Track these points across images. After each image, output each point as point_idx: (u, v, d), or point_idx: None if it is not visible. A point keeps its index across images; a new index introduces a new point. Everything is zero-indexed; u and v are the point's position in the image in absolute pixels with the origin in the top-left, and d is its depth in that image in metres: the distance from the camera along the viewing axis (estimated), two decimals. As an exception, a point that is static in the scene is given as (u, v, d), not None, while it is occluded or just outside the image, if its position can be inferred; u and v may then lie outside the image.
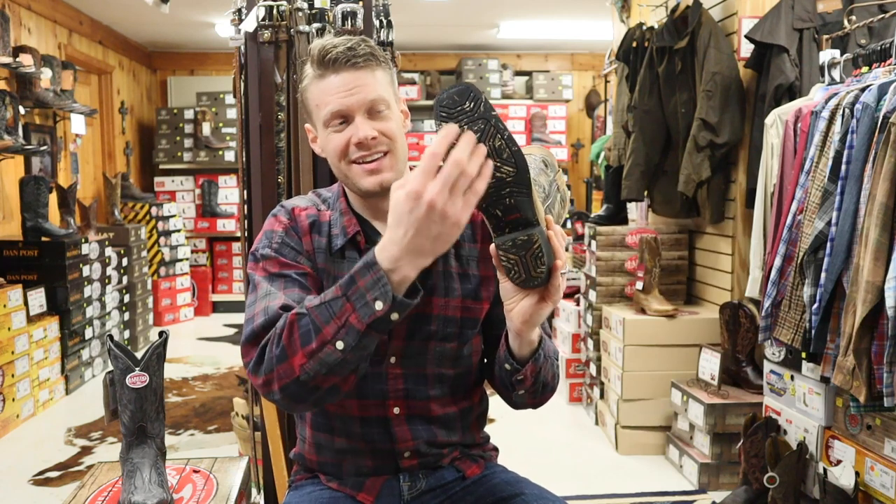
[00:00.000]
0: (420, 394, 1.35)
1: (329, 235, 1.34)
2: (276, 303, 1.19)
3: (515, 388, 1.30)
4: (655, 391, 3.36)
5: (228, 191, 6.78)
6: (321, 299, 1.08)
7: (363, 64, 1.27)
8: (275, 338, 1.12)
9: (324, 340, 1.06)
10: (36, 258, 4.24)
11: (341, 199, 1.37)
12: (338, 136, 1.28)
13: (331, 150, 1.30)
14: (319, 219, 1.35)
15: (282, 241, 1.30)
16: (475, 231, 1.39)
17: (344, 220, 1.34)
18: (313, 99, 1.30)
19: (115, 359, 1.57)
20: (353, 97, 1.26)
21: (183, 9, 5.48)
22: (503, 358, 1.27)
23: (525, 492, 1.35)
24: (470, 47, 7.26)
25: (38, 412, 4.04)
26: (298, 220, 1.34)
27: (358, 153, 1.27)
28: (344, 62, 1.26)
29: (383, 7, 2.35)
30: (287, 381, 1.10)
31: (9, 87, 4.48)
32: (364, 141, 1.26)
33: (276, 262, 1.27)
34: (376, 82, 1.28)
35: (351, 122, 1.27)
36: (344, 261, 1.32)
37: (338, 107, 1.27)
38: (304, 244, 1.32)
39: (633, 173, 3.55)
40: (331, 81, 1.27)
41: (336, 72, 1.27)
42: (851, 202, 2.09)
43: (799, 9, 2.92)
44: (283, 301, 1.19)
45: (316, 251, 1.33)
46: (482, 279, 1.38)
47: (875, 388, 2.00)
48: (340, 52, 1.26)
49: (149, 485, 1.53)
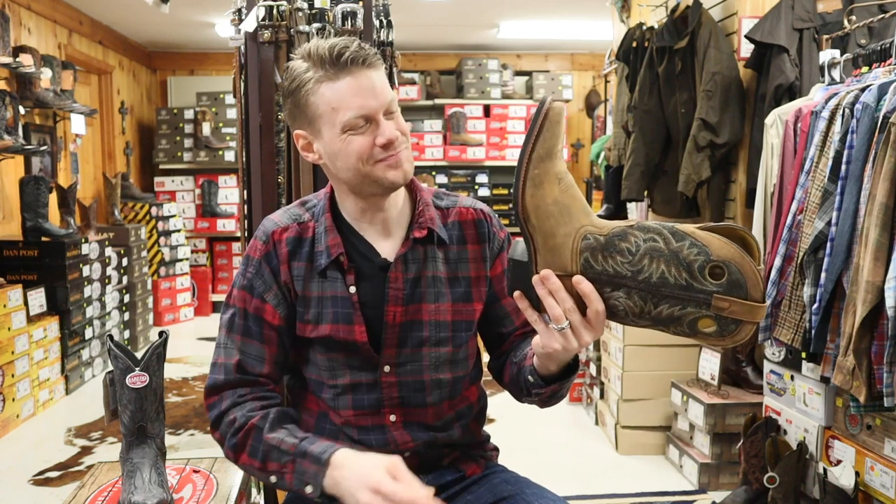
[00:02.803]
0: (416, 400, 1.35)
1: (312, 255, 1.33)
2: (232, 361, 1.31)
3: (530, 394, 1.30)
4: (655, 391, 3.36)
5: (228, 191, 6.78)
6: (279, 440, 1.23)
7: (374, 62, 1.26)
8: (234, 429, 1.27)
9: (264, 468, 1.24)
10: (36, 258, 4.24)
11: (327, 215, 1.34)
12: (360, 139, 1.25)
13: (352, 152, 1.26)
14: (302, 235, 1.34)
15: (256, 271, 1.34)
16: (464, 232, 1.38)
17: (328, 238, 1.32)
18: (326, 102, 1.25)
19: (115, 359, 1.57)
20: (376, 99, 1.25)
21: (183, 9, 5.48)
22: (527, 369, 1.26)
23: (525, 491, 1.35)
24: (470, 47, 7.26)
25: (38, 412, 4.04)
26: (278, 247, 1.33)
27: (384, 154, 1.26)
28: (361, 62, 1.24)
29: (383, 7, 2.35)
30: (230, 456, 1.30)
31: (9, 87, 4.47)
32: (393, 141, 1.25)
33: (245, 297, 1.34)
34: (384, 81, 1.28)
35: (372, 123, 1.26)
36: (326, 280, 1.32)
37: (364, 110, 1.24)
38: (282, 273, 1.33)
39: (633, 173, 3.55)
40: (347, 83, 1.24)
41: (351, 73, 1.24)
42: (851, 202, 2.09)
43: (799, 9, 2.92)
44: (237, 359, 1.31)
45: (294, 279, 1.33)
46: (472, 280, 1.37)
47: (875, 388, 2.00)
48: (357, 52, 1.24)
49: (149, 485, 1.53)
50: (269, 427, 1.25)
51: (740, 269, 0.98)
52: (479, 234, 1.39)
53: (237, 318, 1.33)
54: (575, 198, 1.06)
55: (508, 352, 1.41)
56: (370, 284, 1.33)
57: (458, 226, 1.38)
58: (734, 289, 0.98)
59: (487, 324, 1.42)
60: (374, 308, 1.32)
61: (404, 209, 1.36)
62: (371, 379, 1.33)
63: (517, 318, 1.41)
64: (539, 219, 1.05)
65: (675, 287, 1.00)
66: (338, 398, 1.34)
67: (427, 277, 1.34)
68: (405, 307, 1.32)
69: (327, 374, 1.34)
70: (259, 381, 1.32)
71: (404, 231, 1.35)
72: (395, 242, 1.35)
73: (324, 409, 1.37)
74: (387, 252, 1.34)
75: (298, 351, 1.37)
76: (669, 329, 1.03)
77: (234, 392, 1.31)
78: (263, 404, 1.30)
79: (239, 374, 1.31)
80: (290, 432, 1.25)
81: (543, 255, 1.06)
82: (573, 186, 1.07)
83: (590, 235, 1.04)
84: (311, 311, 1.33)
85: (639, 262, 1.01)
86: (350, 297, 1.31)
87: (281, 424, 1.26)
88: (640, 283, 1.01)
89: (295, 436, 1.24)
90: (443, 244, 1.36)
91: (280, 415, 1.28)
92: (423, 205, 1.36)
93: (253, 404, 1.29)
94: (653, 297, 1.01)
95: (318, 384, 1.36)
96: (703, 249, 0.99)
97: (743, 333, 1.00)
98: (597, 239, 1.03)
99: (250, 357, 1.32)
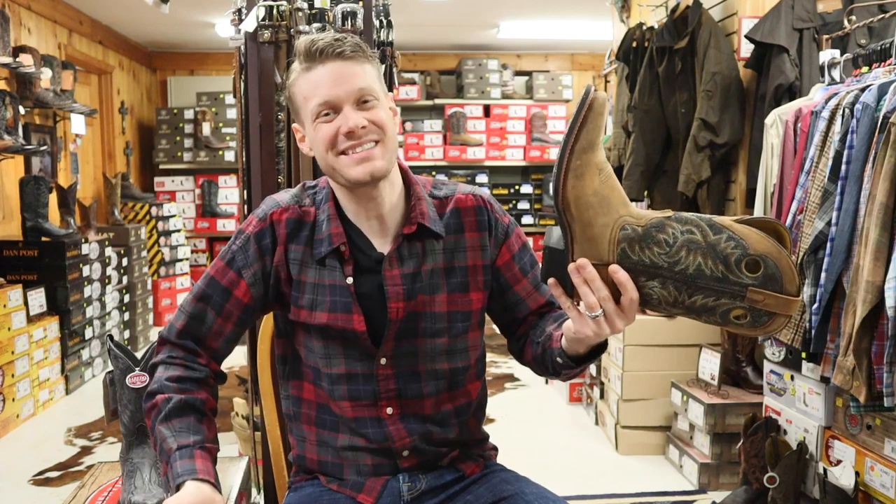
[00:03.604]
0: (412, 392, 1.34)
1: (311, 240, 1.33)
2: (180, 323, 1.33)
3: (558, 373, 1.31)
4: (655, 391, 3.36)
5: (228, 191, 6.78)
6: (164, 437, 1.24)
7: (350, 54, 1.27)
8: (148, 392, 1.30)
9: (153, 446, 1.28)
10: (36, 258, 4.24)
11: (330, 203, 1.34)
12: (326, 127, 1.26)
13: (318, 140, 1.27)
14: (303, 219, 1.34)
15: (241, 246, 1.34)
16: (462, 219, 1.37)
17: (331, 226, 1.32)
18: (301, 93, 1.28)
19: (115, 359, 1.57)
20: (341, 87, 1.25)
21: (183, 9, 5.48)
22: (555, 351, 1.26)
23: (525, 491, 1.35)
24: (470, 47, 7.26)
25: (38, 412, 4.04)
26: (276, 227, 1.33)
27: (347, 143, 1.25)
28: (331, 52, 1.25)
29: (383, 7, 2.35)
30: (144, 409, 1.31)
31: (9, 87, 4.47)
32: (354, 130, 1.24)
33: (222, 268, 1.34)
34: (364, 73, 1.28)
35: (339, 113, 1.26)
36: (324, 269, 1.32)
37: (326, 97, 1.25)
38: (276, 254, 1.33)
39: (633, 173, 3.56)
40: (318, 72, 1.26)
41: (323, 62, 1.26)
42: (851, 202, 2.09)
43: (799, 9, 2.92)
44: (186, 321, 1.33)
45: (290, 263, 1.33)
46: (469, 269, 1.36)
47: (875, 388, 2.00)
48: (326, 43, 1.25)
49: (149, 485, 1.53)
50: (164, 416, 1.25)
51: (777, 264, 0.99)
52: (479, 221, 1.38)
53: (204, 286, 1.34)
54: (614, 188, 1.06)
55: (528, 332, 1.40)
56: (366, 277, 1.33)
57: (456, 213, 1.37)
58: (769, 282, 0.99)
59: (503, 311, 1.42)
60: (370, 300, 1.32)
61: (399, 203, 1.35)
62: (367, 369, 1.33)
63: (532, 301, 1.40)
64: (579, 209, 1.05)
65: (710, 279, 1.01)
66: (334, 387, 1.34)
67: (426, 271, 1.33)
68: (406, 302, 1.32)
69: (323, 361, 1.34)
70: (196, 350, 1.33)
71: (398, 226, 1.35)
72: (390, 237, 1.34)
73: (324, 400, 1.37)
74: (382, 246, 1.34)
75: (297, 338, 1.37)
76: (701, 318, 1.05)
77: (171, 350, 1.32)
78: (182, 375, 1.29)
79: (180, 338, 1.32)
80: (176, 432, 1.24)
81: (581, 244, 1.07)
82: (612, 177, 1.08)
83: (628, 226, 1.05)
84: (306, 296, 1.33)
85: (676, 253, 1.02)
86: (348, 288, 1.31)
87: (178, 416, 1.25)
88: (675, 273, 1.02)
89: (176, 439, 1.23)
90: (438, 237, 1.35)
91: (181, 405, 1.26)
92: (416, 199, 1.35)
93: (174, 372, 1.29)
94: (688, 288, 1.02)
95: (316, 372, 1.36)
96: (741, 243, 1.00)
97: (776, 325, 1.02)
98: (634, 230, 1.04)
99: (202, 324, 1.32)
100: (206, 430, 1.26)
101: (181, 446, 1.22)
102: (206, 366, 1.33)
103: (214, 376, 1.34)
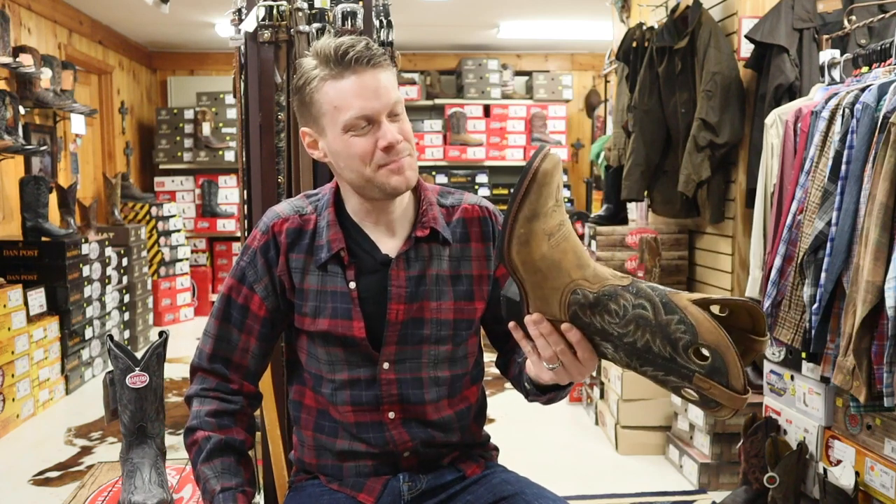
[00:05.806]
0: (415, 398, 1.35)
1: (312, 247, 1.33)
2: (208, 348, 1.35)
3: (528, 397, 1.32)
4: (655, 391, 3.36)
5: (228, 191, 6.78)
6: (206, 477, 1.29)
7: (383, 63, 1.26)
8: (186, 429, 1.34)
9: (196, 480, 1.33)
10: (36, 258, 4.24)
11: (330, 209, 1.34)
12: (361, 141, 1.25)
13: (353, 154, 1.26)
14: (303, 227, 1.34)
15: (250, 260, 1.35)
16: (468, 229, 1.38)
17: (330, 233, 1.32)
18: (329, 101, 1.25)
19: (115, 359, 1.57)
20: (379, 100, 1.24)
21: (183, 9, 5.48)
22: (525, 376, 1.26)
23: (525, 491, 1.35)
24: (470, 47, 7.26)
25: (38, 412, 4.04)
26: (277, 238, 1.34)
27: (386, 157, 1.25)
28: (366, 62, 1.23)
29: (383, 7, 2.35)
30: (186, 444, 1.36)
31: (9, 87, 4.47)
32: (394, 145, 1.25)
33: (235, 286, 1.35)
34: (394, 83, 1.28)
35: (374, 125, 1.25)
36: (326, 275, 1.32)
37: (365, 111, 1.24)
38: (279, 264, 1.33)
39: (633, 173, 3.56)
40: (351, 82, 1.23)
41: (356, 72, 1.23)
42: (851, 202, 2.09)
43: (799, 9, 2.92)
44: (213, 346, 1.35)
45: (292, 271, 1.33)
46: (475, 278, 1.37)
47: (875, 388, 2.00)
48: (362, 52, 1.23)
49: (149, 485, 1.53)
50: (205, 456, 1.30)
51: (723, 358, 0.95)
52: (484, 232, 1.39)
53: (223, 305, 1.36)
54: (566, 252, 1.02)
55: (514, 348, 1.41)
56: (370, 280, 1.33)
57: (462, 223, 1.38)
58: (715, 374, 0.96)
59: (495, 322, 1.42)
60: (373, 304, 1.32)
61: (408, 208, 1.37)
62: (369, 375, 1.33)
63: None
64: (527, 272, 1.03)
65: (658, 356, 0.98)
66: (336, 393, 1.34)
67: (431, 276, 1.34)
68: (408, 305, 1.32)
69: (327, 367, 1.34)
70: (227, 375, 1.34)
71: (408, 230, 1.35)
72: (399, 241, 1.35)
73: (323, 406, 1.37)
74: (389, 249, 1.34)
75: (300, 344, 1.38)
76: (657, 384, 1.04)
77: (204, 380, 1.35)
78: (219, 409, 1.32)
79: (211, 363, 1.34)
80: (219, 473, 1.29)
81: (534, 301, 1.05)
82: (567, 239, 1.03)
83: (579, 290, 1.01)
84: (309, 304, 1.33)
85: (626, 325, 0.99)
86: (349, 293, 1.32)
87: (219, 456, 1.31)
88: (625, 344, 1.00)
89: (220, 481, 1.28)
90: (447, 243, 1.36)
91: (222, 445, 1.31)
92: (427, 204, 1.36)
93: (210, 406, 1.33)
94: (638, 359, 1.00)
95: (317, 378, 1.36)
96: (691, 329, 0.96)
97: (725, 413, 0.98)
98: (585, 296, 1.01)
99: (228, 344, 1.34)
100: (244, 472, 1.32)
101: (224, 489, 1.28)
102: (240, 391, 1.35)
103: (249, 402, 1.37)
